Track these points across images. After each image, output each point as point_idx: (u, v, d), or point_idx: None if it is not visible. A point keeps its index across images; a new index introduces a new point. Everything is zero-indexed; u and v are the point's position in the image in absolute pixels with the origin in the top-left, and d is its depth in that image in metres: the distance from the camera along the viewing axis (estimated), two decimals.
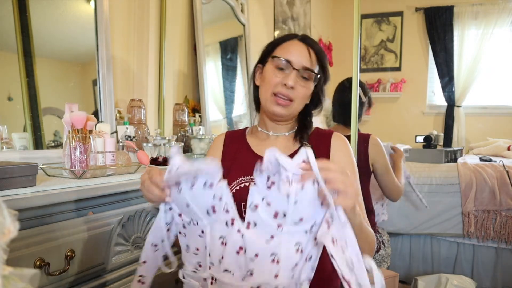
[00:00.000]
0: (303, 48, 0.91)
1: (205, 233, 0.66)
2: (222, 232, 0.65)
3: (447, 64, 3.99)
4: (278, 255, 0.61)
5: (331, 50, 4.31)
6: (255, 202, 0.61)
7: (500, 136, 3.53)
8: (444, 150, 2.53)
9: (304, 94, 0.91)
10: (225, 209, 0.64)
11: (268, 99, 0.91)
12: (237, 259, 0.63)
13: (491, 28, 3.81)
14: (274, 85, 0.89)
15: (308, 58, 0.90)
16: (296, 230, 0.60)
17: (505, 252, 2.25)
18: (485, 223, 2.24)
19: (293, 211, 0.58)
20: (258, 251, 0.62)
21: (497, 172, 2.27)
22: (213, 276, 0.66)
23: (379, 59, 4.37)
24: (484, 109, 3.98)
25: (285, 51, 0.90)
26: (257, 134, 1.00)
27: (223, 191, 0.63)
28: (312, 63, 0.90)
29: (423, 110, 4.20)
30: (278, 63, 0.89)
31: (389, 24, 4.32)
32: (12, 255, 0.53)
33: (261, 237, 0.61)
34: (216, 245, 0.65)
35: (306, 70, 0.89)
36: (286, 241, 0.61)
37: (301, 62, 0.89)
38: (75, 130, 0.98)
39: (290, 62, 0.88)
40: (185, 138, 1.85)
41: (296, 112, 0.94)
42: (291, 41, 0.92)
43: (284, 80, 0.88)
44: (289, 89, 0.88)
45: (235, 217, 0.64)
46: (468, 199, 2.26)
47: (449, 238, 2.36)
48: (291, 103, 0.89)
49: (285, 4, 3.15)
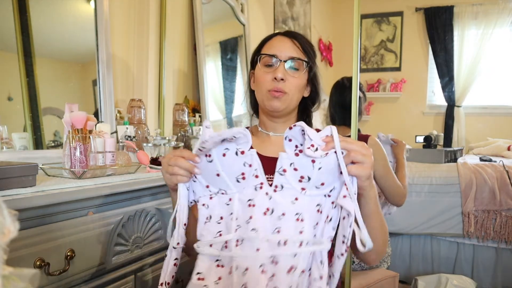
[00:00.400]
0: (287, 40, 0.92)
1: (232, 200, 0.72)
2: (250, 196, 0.71)
3: (447, 64, 3.99)
4: (302, 215, 0.68)
5: (331, 50, 4.31)
6: (284, 167, 0.69)
7: (500, 136, 3.53)
8: (444, 150, 2.53)
9: (298, 84, 0.91)
10: (254, 174, 0.71)
11: (264, 97, 0.92)
12: (264, 219, 0.69)
13: (491, 28, 3.81)
14: (266, 83, 0.90)
15: (293, 49, 0.90)
16: (317, 193, 0.68)
17: (505, 252, 2.25)
18: (485, 223, 2.24)
19: (316, 176, 0.66)
20: (285, 210, 0.69)
21: (497, 172, 2.27)
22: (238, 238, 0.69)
23: (379, 59, 4.37)
24: (484, 109, 3.99)
25: (270, 47, 0.92)
26: (257, 134, 1.00)
27: (253, 158, 0.70)
28: (298, 53, 0.91)
29: (423, 110, 4.20)
30: (265, 60, 0.91)
31: (389, 24, 4.32)
32: (12, 255, 0.53)
33: (287, 199, 0.69)
34: (244, 208, 0.70)
35: (293, 59, 0.90)
36: (308, 202, 0.69)
37: (287, 53, 0.90)
38: (75, 130, 0.98)
39: (276, 56, 0.89)
40: (185, 138, 1.85)
41: (293, 105, 0.94)
42: (274, 38, 0.94)
43: (274, 74, 0.89)
44: (280, 82, 0.88)
45: (264, 181, 0.71)
46: (468, 199, 2.26)
47: (449, 238, 2.36)
48: (285, 94, 0.90)
49: (285, 4, 3.15)
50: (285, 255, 0.67)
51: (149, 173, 1.18)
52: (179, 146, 1.60)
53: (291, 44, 0.91)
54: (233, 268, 0.68)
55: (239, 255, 0.68)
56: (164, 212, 1.12)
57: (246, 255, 0.68)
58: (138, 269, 1.06)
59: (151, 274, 1.11)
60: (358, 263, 1.54)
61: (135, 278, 1.05)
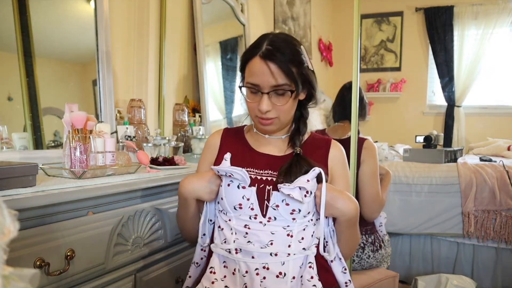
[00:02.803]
0: (264, 67, 0.84)
1: (231, 220, 0.87)
2: (246, 222, 0.85)
3: (447, 64, 3.99)
4: (292, 232, 0.85)
5: (331, 50, 4.31)
6: (277, 203, 0.84)
7: (500, 136, 3.53)
8: (444, 150, 2.53)
9: (286, 109, 0.88)
10: (250, 207, 0.85)
11: (254, 120, 0.93)
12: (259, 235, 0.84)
13: (491, 28, 3.81)
14: (254, 111, 0.89)
15: (275, 74, 0.84)
16: (305, 220, 0.86)
17: (505, 252, 2.25)
18: (485, 223, 2.24)
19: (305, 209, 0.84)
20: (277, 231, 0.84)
21: (497, 172, 2.27)
22: (236, 248, 0.84)
23: (379, 59, 4.37)
24: (484, 109, 3.98)
25: (251, 74, 0.87)
26: (252, 133, 1.00)
27: (251, 194, 0.84)
28: (281, 77, 0.84)
29: (423, 110, 4.20)
30: (250, 88, 0.88)
31: (389, 24, 4.32)
32: (12, 255, 0.53)
33: (279, 226, 0.84)
34: (241, 229, 0.85)
35: (276, 89, 0.85)
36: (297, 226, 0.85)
37: (268, 83, 0.84)
38: (75, 130, 0.98)
39: (257, 87, 0.86)
40: (185, 138, 1.85)
41: (286, 123, 0.93)
42: (253, 60, 0.86)
43: (258, 106, 0.86)
44: (266, 113, 0.87)
45: (258, 214, 0.85)
46: (468, 199, 2.26)
47: (449, 238, 2.36)
48: (275, 119, 0.89)
49: (285, 4, 3.15)
50: (274, 262, 0.82)
51: (149, 173, 1.18)
52: (179, 146, 1.60)
53: (271, 71, 0.84)
54: (236, 270, 0.84)
55: (240, 260, 0.83)
56: (164, 212, 1.11)
57: (245, 261, 0.83)
58: (138, 269, 1.06)
59: (151, 274, 1.11)
60: (358, 262, 1.54)
61: (135, 278, 1.05)
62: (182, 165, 1.34)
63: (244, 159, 0.93)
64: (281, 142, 0.96)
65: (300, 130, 0.96)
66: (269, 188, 0.86)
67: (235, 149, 0.96)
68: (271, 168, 0.90)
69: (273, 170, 0.89)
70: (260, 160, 0.93)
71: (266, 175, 0.89)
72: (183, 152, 1.76)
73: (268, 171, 0.90)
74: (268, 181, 0.88)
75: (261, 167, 0.91)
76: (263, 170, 0.90)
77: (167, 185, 1.14)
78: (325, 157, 0.95)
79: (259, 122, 0.91)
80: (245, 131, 1.02)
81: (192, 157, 1.70)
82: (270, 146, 0.96)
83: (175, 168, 1.30)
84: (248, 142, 0.98)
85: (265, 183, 0.87)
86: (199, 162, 1.03)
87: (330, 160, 0.95)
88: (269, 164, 0.91)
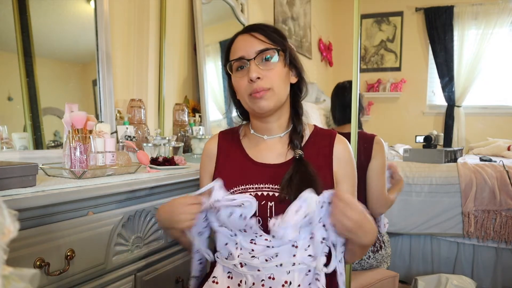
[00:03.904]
0: (247, 37, 0.86)
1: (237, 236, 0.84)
2: (252, 236, 0.83)
3: (447, 64, 3.99)
4: (297, 243, 0.81)
5: (331, 50, 4.31)
6: None
7: (500, 136, 3.53)
8: (444, 150, 2.53)
9: (278, 75, 0.85)
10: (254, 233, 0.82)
11: (248, 102, 0.87)
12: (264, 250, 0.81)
13: (491, 28, 3.81)
14: (245, 88, 0.85)
15: (257, 42, 0.85)
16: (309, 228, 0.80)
17: (505, 252, 2.25)
18: (485, 223, 2.24)
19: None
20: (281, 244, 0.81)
21: (497, 172, 2.27)
22: (241, 262, 0.82)
23: (379, 59, 4.37)
24: (484, 109, 3.99)
25: (234, 52, 0.88)
26: (250, 137, 0.96)
27: (253, 224, 0.80)
28: (264, 44, 0.85)
29: (423, 110, 4.20)
30: (236, 65, 0.87)
31: (389, 24, 4.32)
32: (12, 255, 0.53)
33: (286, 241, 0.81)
34: (246, 245, 0.83)
35: (261, 52, 0.84)
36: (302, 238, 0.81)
37: (252, 50, 0.84)
38: (75, 130, 0.98)
39: (242, 57, 0.85)
40: (185, 138, 1.85)
41: (282, 97, 0.88)
42: (236, 40, 0.89)
43: (248, 76, 0.83)
44: (257, 81, 0.83)
45: (263, 234, 0.82)
46: (468, 199, 2.26)
47: (449, 238, 2.36)
48: (268, 91, 0.84)
49: (285, 4, 3.15)
50: (280, 272, 0.80)
51: (149, 173, 1.18)
52: (179, 146, 1.60)
53: (253, 39, 0.85)
54: (243, 282, 0.82)
55: (246, 273, 0.82)
56: None
57: (251, 274, 0.81)
58: (138, 269, 1.06)
59: (151, 274, 1.11)
60: (358, 263, 1.54)
61: (135, 278, 1.05)
62: (182, 165, 1.34)
63: (243, 175, 0.88)
64: (280, 144, 0.91)
65: (298, 129, 0.91)
66: (271, 204, 0.82)
67: (232, 161, 0.92)
68: (272, 182, 0.85)
69: (274, 183, 0.84)
70: (260, 173, 0.87)
71: (267, 190, 0.84)
72: (183, 152, 1.76)
73: (269, 185, 0.84)
74: (269, 196, 0.83)
75: (261, 181, 0.85)
76: (264, 184, 0.85)
77: (167, 185, 1.14)
78: (329, 156, 0.89)
79: (254, 97, 0.84)
80: (241, 134, 0.98)
81: (192, 157, 1.70)
82: (269, 152, 0.91)
83: (175, 168, 1.30)
84: (245, 150, 0.93)
85: (266, 199, 0.83)
86: (200, 172, 1.00)
87: (334, 159, 0.89)
88: (270, 177, 0.86)
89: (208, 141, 1.01)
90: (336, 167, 0.89)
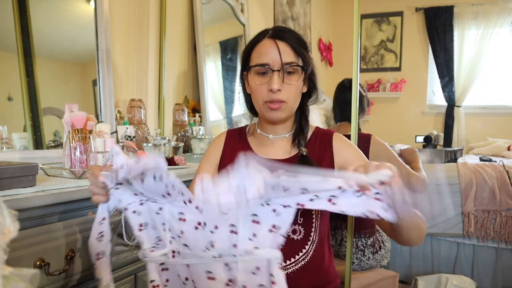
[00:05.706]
0: (274, 45, 0.86)
1: (163, 209, 0.68)
2: (181, 209, 0.67)
3: (447, 64, 3.99)
4: (237, 227, 0.64)
5: (331, 50, 4.31)
6: None
7: (500, 136, 3.53)
8: (444, 150, 2.53)
9: (295, 90, 0.88)
10: (180, 192, 0.65)
11: (261, 108, 0.89)
12: (195, 234, 0.66)
13: (491, 28, 3.81)
14: (262, 94, 0.87)
15: (285, 53, 0.86)
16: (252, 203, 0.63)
17: (505, 252, 2.25)
18: (485, 223, 2.24)
19: None
20: (217, 223, 0.65)
21: (497, 172, 2.27)
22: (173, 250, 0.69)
23: (379, 59, 4.37)
24: (484, 109, 3.98)
25: (259, 55, 0.88)
26: (256, 135, 0.99)
27: (174, 181, 0.63)
28: (290, 56, 0.86)
29: (423, 110, 4.20)
30: (257, 68, 0.87)
31: (389, 24, 4.32)
32: (12, 255, 0.53)
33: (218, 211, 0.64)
34: (175, 221, 0.68)
35: (287, 65, 0.86)
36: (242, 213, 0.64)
37: (278, 60, 0.85)
38: (75, 130, 0.98)
39: (268, 65, 0.86)
40: (185, 138, 1.85)
41: (294, 109, 0.92)
42: (262, 42, 0.88)
43: (269, 86, 0.85)
44: (276, 93, 0.85)
45: (191, 197, 0.65)
46: (468, 199, 2.26)
47: (449, 238, 2.36)
48: (284, 103, 0.87)
49: (285, 4, 3.15)
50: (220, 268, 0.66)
51: None
52: (179, 146, 1.60)
53: (281, 49, 0.86)
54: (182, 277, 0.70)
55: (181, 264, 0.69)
56: None
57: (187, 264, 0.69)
58: (138, 269, 1.06)
59: None
60: (358, 263, 1.54)
61: (135, 278, 1.05)
62: (182, 165, 1.34)
63: None
64: (285, 142, 0.95)
65: (303, 128, 0.95)
66: None
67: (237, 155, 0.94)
68: None
69: None
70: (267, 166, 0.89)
71: None
72: (183, 152, 1.76)
73: None
74: None
75: None
76: None
77: None
78: (330, 151, 0.92)
79: (268, 107, 0.87)
80: (248, 133, 1.01)
81: (192, 157, 1.70)
82: (274, 148, 0.94)
83: (175, 168, 1.30)
84: (250, 146, 0.97)
85: None
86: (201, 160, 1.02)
87: (335, 154, 0.92)
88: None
89: (218, 135, 1.04)
90: (337, 159, 0.91)
